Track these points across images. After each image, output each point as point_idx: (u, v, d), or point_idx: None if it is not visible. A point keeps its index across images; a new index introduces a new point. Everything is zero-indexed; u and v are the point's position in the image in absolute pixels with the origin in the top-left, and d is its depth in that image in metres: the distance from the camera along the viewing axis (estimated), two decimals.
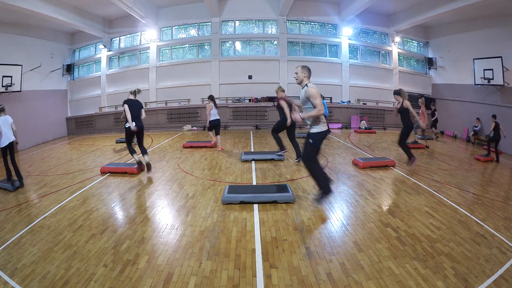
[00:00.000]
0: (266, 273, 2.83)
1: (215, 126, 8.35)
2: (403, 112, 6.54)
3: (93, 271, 2.89)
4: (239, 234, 3.58)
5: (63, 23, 11.30)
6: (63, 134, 14.01)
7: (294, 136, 6.94)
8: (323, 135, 4.06)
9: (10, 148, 5.72)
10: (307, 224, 3.82)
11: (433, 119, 11.56)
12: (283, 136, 7.15)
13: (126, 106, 5.69)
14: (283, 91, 6.89)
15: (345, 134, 11.56)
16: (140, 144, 6.05)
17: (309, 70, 4.07)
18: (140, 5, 11.60)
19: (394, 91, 6.82)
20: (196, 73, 13.72)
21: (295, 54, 13.80)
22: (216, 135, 8.54)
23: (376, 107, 13.73)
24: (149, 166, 5.87)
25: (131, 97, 5.97)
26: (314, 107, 3.84)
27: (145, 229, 3.77)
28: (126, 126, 5.77)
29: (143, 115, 5.96)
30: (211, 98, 8.34)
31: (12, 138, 5.75)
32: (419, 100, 9.52)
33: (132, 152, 6.09)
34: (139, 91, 6.24)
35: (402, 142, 6.62)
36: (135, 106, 5.82)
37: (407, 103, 6.45)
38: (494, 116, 8.15)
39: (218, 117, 8.33)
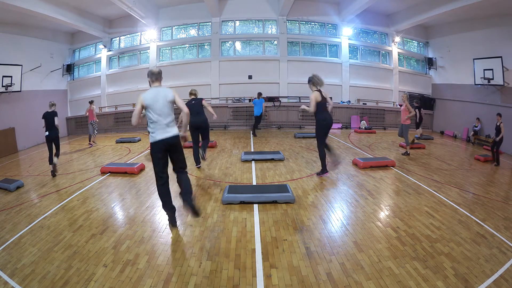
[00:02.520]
0: (266, 273, 2.83)
1: None
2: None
3: (93, 271, 2.89)
4: (239, 234, 3.58)
5: (63, 23, 11.29)
6: (63, 134, 13.99)
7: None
8: (154, 146, 3.52)
9: None
10: (307, 224, 3.82)
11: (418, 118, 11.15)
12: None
13: (43, 120, 6.68)
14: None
15: (345, 134, 11.56)
16: (57, 149, 6.88)
17: (151, 74, 3.69)
18: (140, 5, 11.59)
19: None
20: (196, 73, 13.71)
21: (295, 54, 13.79)
22: None
23: (376, 107, 13.73)
24: (54, 168, 6.58)
25: (49, 109, 6.78)
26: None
27: (145, 229, 3.77)
28: (45, 135, 6.74)
29: (56, 122, 6.79)
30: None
31: None
32: (402, 95, 8.70)
33: (50, 160, 6.69)
34: (53, 104, 7.01)
35: (320, 145, 5.60)
36: (50, 117, 6.67)
37: (312, 96, 5.31)
38: (499, 115, 7.59)
39: None
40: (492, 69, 10.26)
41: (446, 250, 3.24)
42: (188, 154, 7.30)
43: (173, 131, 3.60)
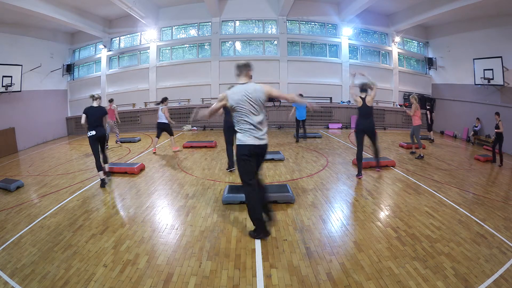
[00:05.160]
0: (266, 273, 2.83)
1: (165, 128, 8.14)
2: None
3: (93, 271, 2.89)
4: (239, 234, 3.58)
5: (63, 23, 11.30)
6: (63, 134, 14.00)
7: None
8: (242, 151, 3.20)
9: None
10: (307, 224, 3.82)
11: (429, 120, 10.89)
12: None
13: (83, 115, 5.50)
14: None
15: (345, 134, 11.56)
16: (102, 151, 5.81)
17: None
18: (140, 5, 11.59)
19: (363, 84, 5.88)
20: (196, 73, 13.72)
21: (295, 54, 13.79)
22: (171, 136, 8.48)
23: (376, 107, 13.71)
24: (107, 177, 5.79)
25: (93, 104, 5.67)
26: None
27: (145, 229, 3.77)
28: (88, 135, 5.53)
29: (105, 121, 5.75)
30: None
31: None
32: (411, 96, 8.26)
33: (99, 168, 5.57)
34: (96, 97, 5.79)
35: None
36: (97, 113, 5.57)
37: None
38: (497, 114, 7.52)
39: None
40: (492, 69, 10.26)
41: (446, 250, 3.24)
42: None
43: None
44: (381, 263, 2.97)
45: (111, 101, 10.59)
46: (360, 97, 5.85)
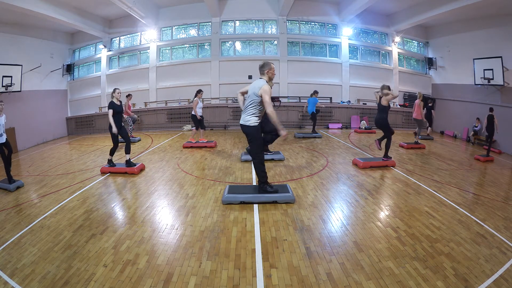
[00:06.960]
0: (266, 273, 2.83)
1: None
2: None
3: (93, 271, 2.89)
4: (239, 234, 3.58)
5: (63, 23, 11.29)
6: (63, 134, 13.99)
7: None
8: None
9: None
10: (307, 224, 3.82)
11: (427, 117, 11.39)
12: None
13: (111, 111, 6.10)
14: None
15: (345, 134, 11.56)
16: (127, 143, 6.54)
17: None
18: (140, 5, 11.59)
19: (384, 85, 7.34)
20: (196, 73, 13.71)
21: (295, 54, 13.79)
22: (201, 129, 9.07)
23: (376, 107, 13.68)
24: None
25: (114, 100, 6.24)
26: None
27: (145, 229, 3.77)
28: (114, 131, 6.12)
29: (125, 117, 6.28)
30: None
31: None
32: (418, 92, 10.04)
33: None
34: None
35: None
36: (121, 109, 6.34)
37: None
38: (490, 109, 8.23)
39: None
40: (492, 69, 10.25)
41: (446, 250, 3.24)
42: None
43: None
44: (381, 263, 2.97)
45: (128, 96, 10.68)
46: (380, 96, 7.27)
